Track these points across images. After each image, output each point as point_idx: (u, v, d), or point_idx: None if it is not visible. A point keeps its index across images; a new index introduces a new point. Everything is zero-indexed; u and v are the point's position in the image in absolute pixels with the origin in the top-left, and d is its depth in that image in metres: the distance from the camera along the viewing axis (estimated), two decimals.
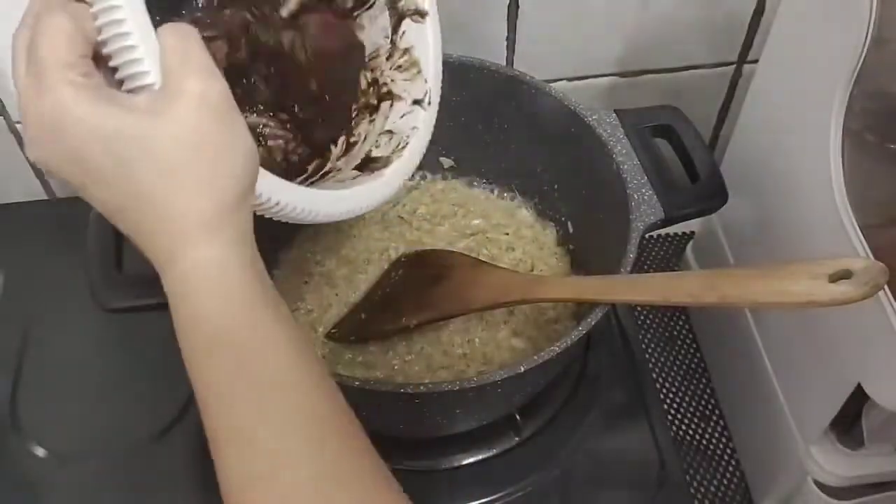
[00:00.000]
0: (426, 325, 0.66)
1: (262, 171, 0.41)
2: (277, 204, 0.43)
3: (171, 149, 0.35)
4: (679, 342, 0.93)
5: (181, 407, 0.69)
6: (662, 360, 0.91)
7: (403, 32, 0.59)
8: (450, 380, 0.55)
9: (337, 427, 0.39)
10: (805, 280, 0.49)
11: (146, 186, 0.35)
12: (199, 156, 0.36)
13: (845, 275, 0.48)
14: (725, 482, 0.83)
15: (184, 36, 0.37)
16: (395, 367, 0.67)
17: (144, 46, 0.35)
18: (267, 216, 0.44)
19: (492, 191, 0.80)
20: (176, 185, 0.36)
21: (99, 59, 0.36)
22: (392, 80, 0.59)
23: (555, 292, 0.63)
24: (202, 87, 0.36)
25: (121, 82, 0.36)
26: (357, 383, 0.55)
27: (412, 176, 0.61)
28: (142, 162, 0.35)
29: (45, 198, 0.88)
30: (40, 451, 0.68)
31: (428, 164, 0.76)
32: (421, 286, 0.68)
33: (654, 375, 0.89)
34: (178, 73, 0.36)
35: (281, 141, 0.55)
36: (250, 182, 0.39)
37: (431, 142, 0.61)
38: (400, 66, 0.59)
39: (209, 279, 0.37)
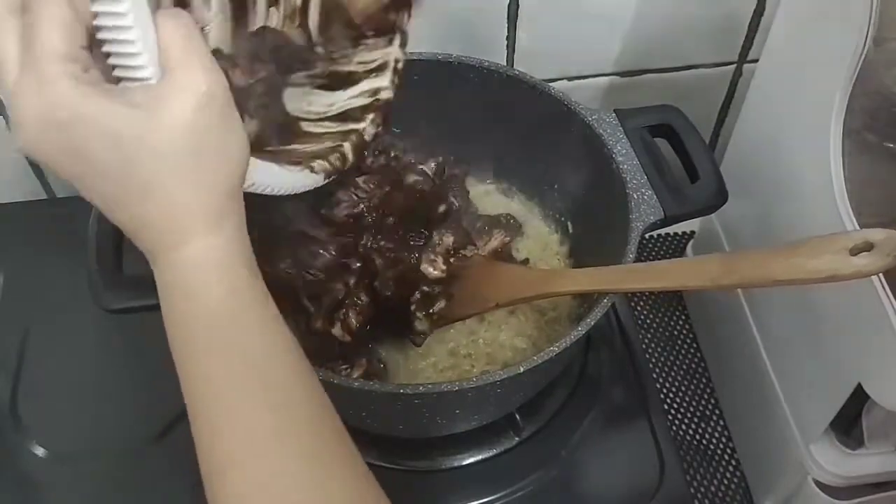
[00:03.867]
0: (443, 326, 0.67)
1: None
2: (253, 184, 0.44)
3: (175, 144, 0.35)
4: (679, 342, 0.93)
5: (181, 407, 0.69)
6: (662, 360, 0.91)
7: None
8: (454, 380, 0.55)
9: (324, 417, 0.40)
10: (826, 255, 0.48)
11: (150, 181, 0.35)
12: (203, 149, 0.36)
13: (866, 247, 0.47)
14: (725, 482, 0.83)
15: (184, 25, 0.36)
16: (402, 366, 0.67)
17: (143, 41, 0.35)
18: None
19: (493, 191, 0.80)
20: (181, 178, 0.36)
21: (92, 43, 0.36)
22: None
23: (572, 284, 0.62)
24: (207, 82, 0.36)
25: (113, 67, 0.36)
26: (356, 384, 0.55)
27: None
28: (147, 158, 0.35)
29: (45, 198, 0.88)
30: (40, 451, 0.68)
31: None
32: None
33: (654, 375, 0.89)
34: (180, 67, 0.35)
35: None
36: (244, 171, 0.39)
37: (431, 142, 0.61)
38: None
39: (213, 268, 0.38)
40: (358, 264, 0.65)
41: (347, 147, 0.52)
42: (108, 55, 0.35)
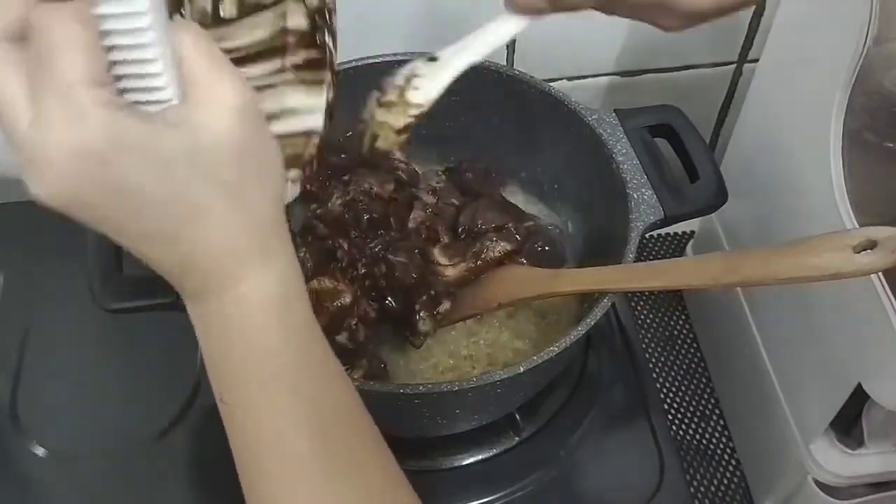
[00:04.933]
0: (445, 326, 0.67)
1: None
2: None
3: (221, 164, 0.32)
4: (679, 342, 0.93)
5: (181, 407, 0.69)
6: (662, 360, 0.91)
7: None
8: (454, 381, 0.55)
9: (378, 461, 0.40)
10: (829, 253, 0.48)
11: (204, 205, 0.33)
12: (249, 166, 0.33)
13: (869, 245, 0.47)
14: (725, 482, 0.83)
15: (203, 36, 0.33)
16: (403, 367, 0.67)
17: (164, 60, 0.31)
18: None
19: None
20: (233, 199, 0.33)
21: None
22: None
23: (572, 284, 0.62)
24: (240, 94, 0.33)
25: (123, 90, 0.32)
26: (357, 385, 0.55)
27: None
28: (198, 181, 0.32)
29: None
30: (40, 451, 0.68)
31: (429, 163, 0.76)
32: None
33: (654, 375, 0.89)
34: (209, 81, 0.32)
35: None
36: (284, 187, 0.37)
37: (431, 142, 0.60)
38: None
39: (271, 306, 0.35)
40: (363, 270, 0.65)
41: (312, 144, 0.46)
42: (118, 77, 0.32)
